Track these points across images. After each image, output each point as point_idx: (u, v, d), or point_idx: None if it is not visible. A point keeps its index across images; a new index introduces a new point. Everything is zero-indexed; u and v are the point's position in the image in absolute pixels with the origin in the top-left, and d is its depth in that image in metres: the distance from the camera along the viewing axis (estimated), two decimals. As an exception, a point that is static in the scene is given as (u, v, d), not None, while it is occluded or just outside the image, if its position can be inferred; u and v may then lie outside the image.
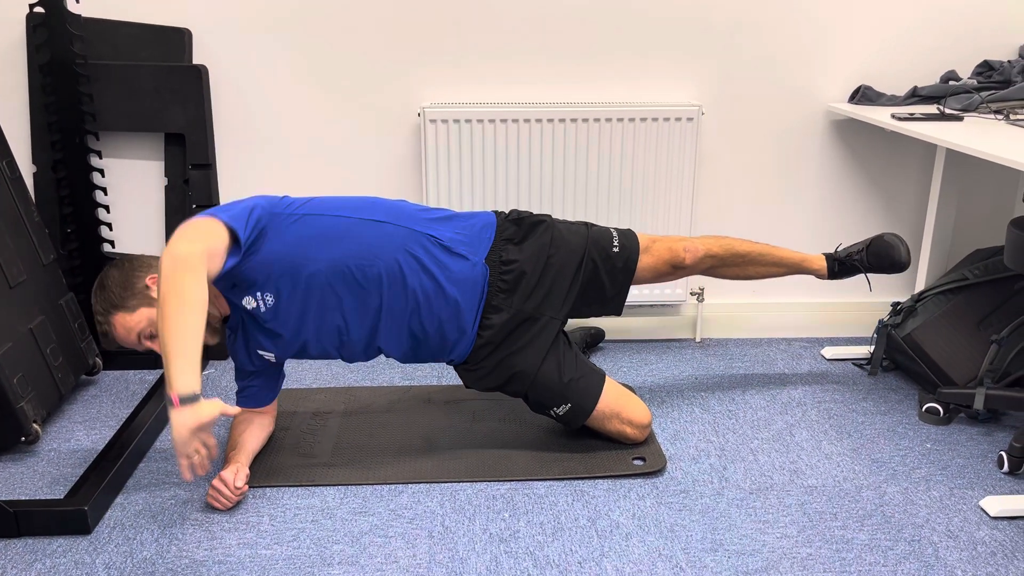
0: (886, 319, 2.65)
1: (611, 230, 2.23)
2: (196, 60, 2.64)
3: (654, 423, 2.36)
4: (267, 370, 2.16)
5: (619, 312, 2.26)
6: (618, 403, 2.18)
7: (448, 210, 2.16)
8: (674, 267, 2.25)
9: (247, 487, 2.00)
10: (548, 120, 2.63)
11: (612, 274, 2.19)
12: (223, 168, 2.74)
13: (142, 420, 2.25)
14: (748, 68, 2.74)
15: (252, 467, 2.10)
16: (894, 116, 2.45)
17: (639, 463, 2.14)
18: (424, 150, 2.64)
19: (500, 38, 2.67)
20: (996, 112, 2.48)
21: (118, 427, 2.29)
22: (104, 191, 2.69)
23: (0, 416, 2.12)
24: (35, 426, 2.20)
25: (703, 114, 2.72)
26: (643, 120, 2.65)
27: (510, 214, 2.19)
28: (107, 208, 2.70)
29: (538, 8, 2.64)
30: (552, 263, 2.12)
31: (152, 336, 2.01)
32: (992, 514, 1.93)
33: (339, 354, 2.10)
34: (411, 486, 2.06)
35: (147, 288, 2.01)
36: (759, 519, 1.93)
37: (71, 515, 1.87)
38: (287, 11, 2.61)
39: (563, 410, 2.15)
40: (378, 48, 2.66)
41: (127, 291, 1.99)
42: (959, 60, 2.75)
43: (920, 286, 2.77)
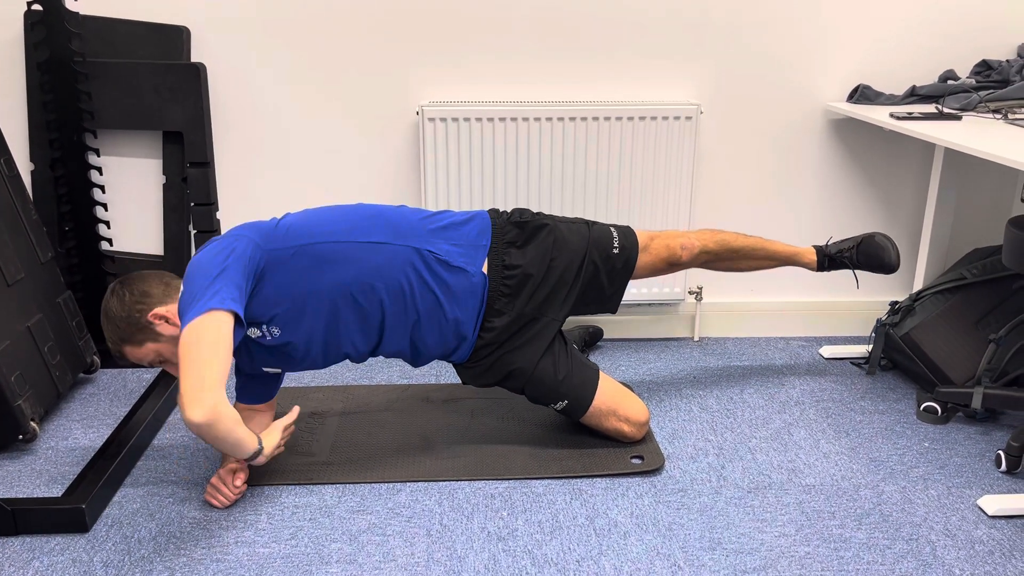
0: (884, 318, 2.65)
1: (611, 230, 2.24)
2: (194, 58, 2.64)
3: (652, 422, 2.36)
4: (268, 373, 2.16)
5: (615, 310, 2.28)
6: (615, 400, 2.19)
7: (444, 214, 2.13)
8: (670, 264, 2.30)
9: (245, 486, 2.00)
10: (547, 119, 2.63)
11: (611, 274, 2.20)
12: (221, 166, 2.74)
13: (140, 418, 2.25)
14: (747, 67, 2.74)
15: (250, 466, 2.10)
16: (892, 115, 2.45)
17: (637, 462, 2.14)
18: (423, 148, 2.64)
19: (499, 37, 2.67)
20: (994, 111, 2.48)
21: (116, 425, 2.28)
22: (102, 189, 2.69)
23: (-2, 414, 2.12)
24: (33, 424, 2.19)
25: (702, 113, 2.72)
26: (642, 119, 2.65)
27: (512, 215, 2.18)
28: (105, 206, 2.70)
29: (537, 7, 2.64)
30: (555, 266, 2.13)
31: (163, 363, 2.00)
32: (990, 513, 1.93)
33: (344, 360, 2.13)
34: (409, 485, 2.06)
35: (151, 324, 1.93)
36: (757, 518, 1.93)
37: (69, 513, 1.87)
38: (286, 9, 2.61)
39: (561, 406, 2.17)
40: (377, 46, 2.66)
41: (131, 327, 1.94)
42: (958, 59, 2.75)
43: (918, 285, 2.77)
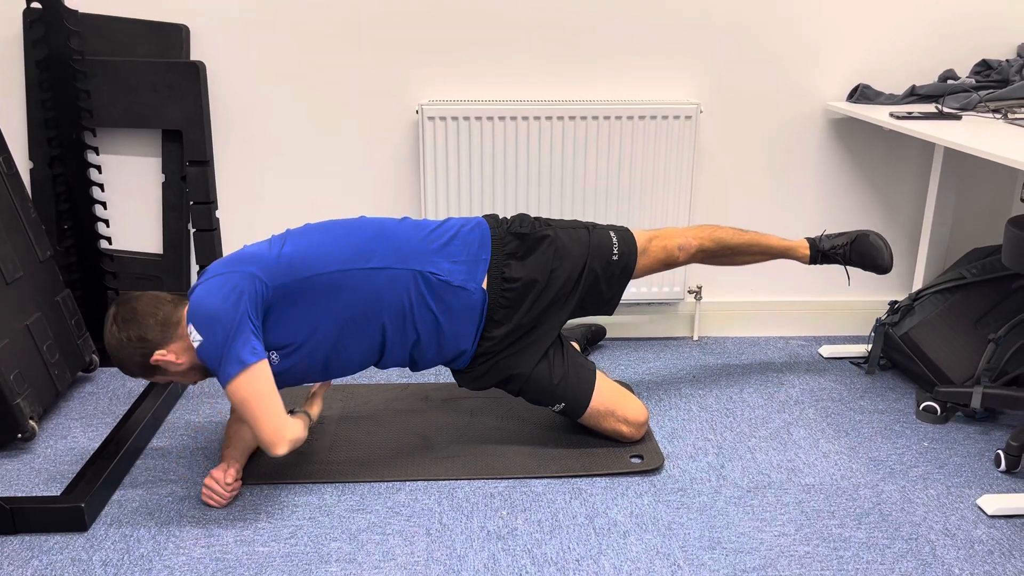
0: (884, 318, 2.65)
1: (611, 235, 2.23)
2: (194, 56, 2.63)
3: (652, 421, 2.36)
4: None
5: (611, 313, 2.30)
6: (613, 401, 2.18)
7: (444, 227, 2.11)
8: (667, 265, 2.31)
9: (239, 483, 2.00)
10: (547, 118, 2.63)
11: (610, 280, 2.21)
12: (221, 165, 2.74)
13: (139, 417, 2.25)
14: (747, 66, 2.74)
15: (250, 465, 2.10)
16: (892, 115, 2.45)
17: (637, 461, 2.14)
18: (422, 147, 2.64)
19: (499, 36, 2.66)
20: (994, 111, 2.48)
21: (115, 424, 2.28)
22: (101, 187, 2.69)
23: (-4, 413, 2.12)
24: (31, 423, 2.19)
25: (701, 112, 2.71)
26: (641, 118, 2.65)
27: (512, 224, 2.16)
28: (104, 204, 2.69)
29: (537, 6, 2.64)
30: (555, 277, 2.13)
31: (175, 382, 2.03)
32: (989, 513, 1.93)
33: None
34: (409, 484, 2.06)
35: (156, 365, 1.92)
36: (757, 517, 1.93)
37: (68, 512, 1.87)
38: (285, 8, 2.61)
39: (558, 408, 2.17)
40: (377, 45, 2.66)
41: (139, 367, 1.93)
42: (957, 59, 2.75)
43: (918, 285, 2.77)
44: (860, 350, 2.79)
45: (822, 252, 2.46)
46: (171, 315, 1.92)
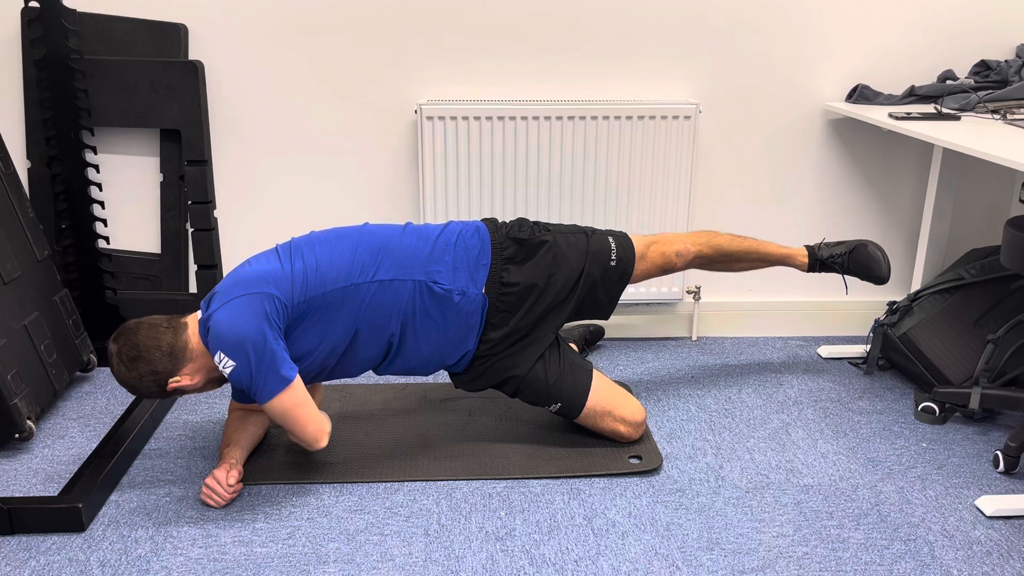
0: (882, 318, 2.65)
1: (609, 240, 2.23)
2: (192, 56, 2.63)
3: (650, 421, 2.36)
4: None
5: (607, 317, 2.30)
6: (610, 401, 2.18)
7: (445, 233, 2.11)
8: (665, 271, 2.33)
9: (240, 485, 2.00)
10: (545, 118, 2.63)
11: (608, 286, 2.22)
12: (219, 164, 2.73)
13: (137, 417, 2.25)
14: (746, 66, 2.74)
15: (247, 465, 2.09)
16: (891, 115, 2.45)
17: (635, 461, 2.14)
18: (421, 147, 2.63)
19: (498, 35, 2.66)
20: (993, 112, 2.48)
21: (113, 424, 2.28)
22: (99, 187, 2.68)
23: (-6, 413, 2.11)
24: (29, 423, 2.19)
25: (700, 112, 2.71)
26: (640, 118, 2.65)
27: (511, 229, 2.16)
28: (102, 204, 2.69)
29: (536, 6, 2.64)
30: (553, 282, 2.13)
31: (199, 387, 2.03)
32: (988, 513, 1.93)
33: None
34: (407, 484, 2.06)
35: (172, 391, 1.96)
36: (755, 518, 1.93)
37: (65, 512, 1.86)
38: (284, 7, 2.60)
39: (556, 407, 2.18)
40: (375, 45, 2.65)
41: (154, 394, 1.97)
42: (956, 59, 2.75)
43: (916, 285, 2.77)
44: (859, 351, 2.79)
45: (820, 260, 2.47)
46: (175, 342, 1.93)
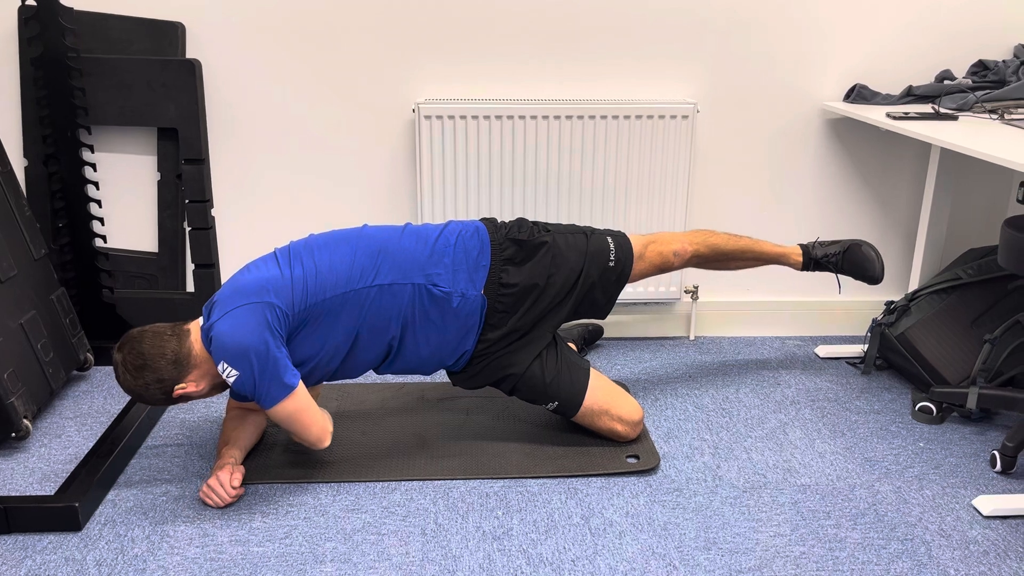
0: (880, 318, 2.65)
1: (608, 241, 2.23)
2: (189, 54, 2.62)
3: (648, 421, 2.36)
4: None
5: (604, 317, 2.31)
6: (607, 400, 2.19)
7: (444, 234, 2.11)
8: (662, 270, 2.34)
9: (243, 489, 2.00)
10: (543, 117, 2.62)
11: (606, 286, 2.23)
12: (216, 163, 2.73)
13: (133, 416, 2.24)
14: (744, 66, 2.73)
15: (244, 464, 2.09)
16: (889, 115, 2.45)
17: (632, 461, 2.14)
18: (419, 146, 2.63)
19: (496, 35, 2.66)
20: (991, 112, 2.48)
21: (109, 423, 2.28)
22: (96, 186, 2.68)
23: (-10, 412, 2.11)
24: (25, 422, 2.18)
25: (699, 112, 2.71)
26: (639, 117, 2.65)
27: (510, 229, 2.16)
28: (99, 203, 2.68)
29: (534, 5, 2.63)
30: (552, 282, 2.14)
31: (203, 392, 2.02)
32: (985, 513, 1.93)
33: None
34: (404, 483, 2.06)
35: (178, 398, 1.96)
36: (752, 517, 1.93)
37: (62, 511, 1.86)
38: (281, 6, 2.60)
39: (553, 406, 2.18)
40: (373, 43, 2.65)
41: (160, 401, 1.97)
42: (954, 59, 2.75)
43: (914, 285, 2.77)
44: (856, 350, 2.79)
45: (814, 260, 2.49)
46: (179, 350, 1.93)
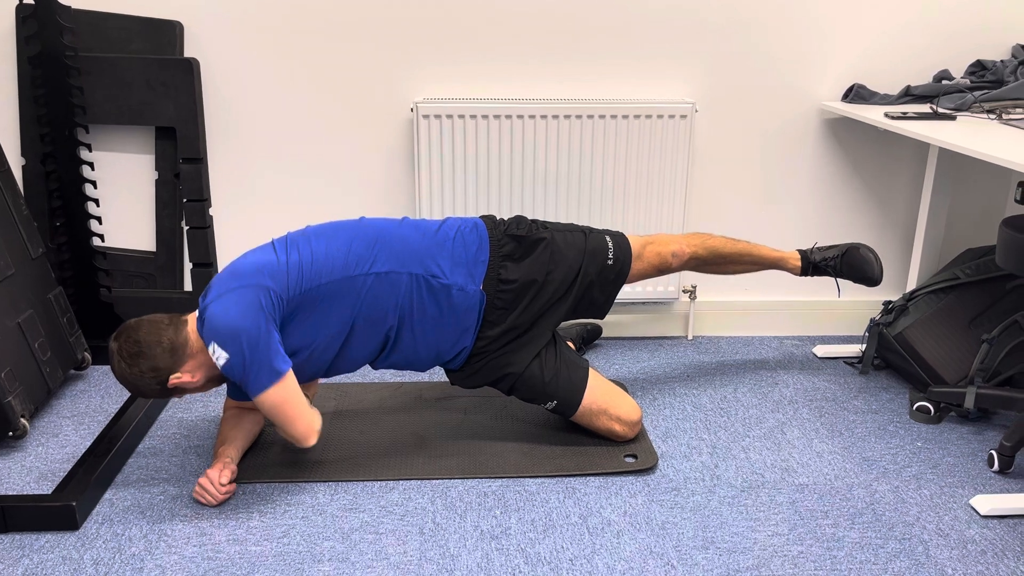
0: (878, 318, 2.65)
1: (606, 239, 2.24)
2: (187, 53, 2.62)
3: (646, 420, 2.36)
4: None
5: (603, 316, 2.31)
6: (606, 399, 2.19)
7: (443, 228, 2.12)
8: (660, 271, 2.34)
9: (234, 485, 1.99)
10: (541, 116, 2.62)
11: (604, 284, 2.23)
12: (214, 162, 2.73)
13: (131, 415, 2.24)
14: (742, 66, 2.74)
15: (242, 463, 2.09)
16: (887, 115, 2.45)
17: (630, 460, 2.14)
18: (417, 145, 2.63)
19: (494, 34, 2.66)
20: (989, 112, 2.48)
21: (107, 422, 2.27)
22: (94, 184, 2.67)
23: (-13, 411, 2.11)
24: (23, 421, 2.18)
25: (697, 111, 2.71)
26: (637, 117, 2.65)
27: (509, 226, 2.17)
28: (97, 202, 2.68)
29: (533, 4, 2.63)
30: (551, 279, 2.14)
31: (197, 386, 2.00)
32: (982, 513, 1.94)
33: None
34: (402, 483, 2.05)
35: (173, 388, 1.95)
36: (750, 517, 1.93)
37: (59, 511, 1.86)
38: (280, 5, 2.60)
39: (551, 405, 2.18)
40: (372, 43, 2.65)
41: (155, 392, 1.95)
42: (952, 59, 2.75)
43: (912, 285, 2.77)
44: (854, 350, 2.79)
45: (813, 264, 2.49)
46: (176, 338, 1.92)
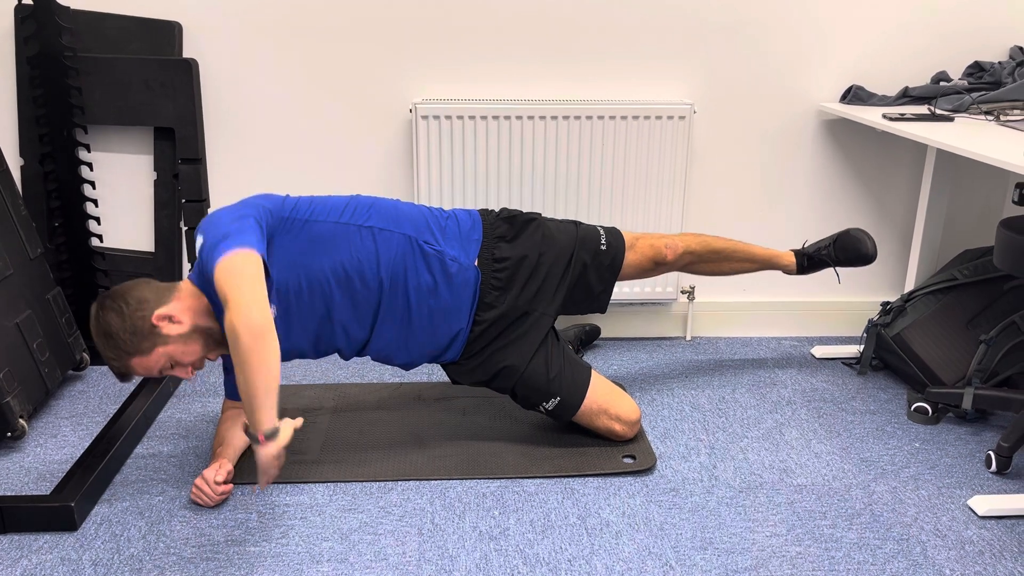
0: (876, 318, 2.66)
1: (598, 228, 2.28)
2: (186, 54, 2.62)
3: (644, 421, 2.36)
4: None
5: (604, 309, 2.31)
6: (606, 399, 2.19)
7: (437, 210, 2.16)
8: (656, 263, 2.33)
9: (231, 486, 1.99)
10: (540, 117, 2.63)
11: (599, 271, 2.23)
12: (213, 163, 2.73)
13: (130, 416, 2.24)
14: (740, 67, 2.74)
15: (240, 463, 2.09)
16: (885, 116, 2.45)
17: (629, 461, 2.14)
18: (416, 146, 2.63)
19: (493, 35, 2.66)
20: (986, 113, 2.49)
21: (105, 423, 2.27)
22: (92, 185, 2.67)
23: (-14, 411, 2.11)
24: (21, 422, 2.18)
25: (695, 112, 2.72)
26: (635, 118, 2.65)
27: (500, 212, 2.21)
28: (95, 202, 2.68)
29: (531, 5, 2.64)
30: (544, 260, 2.15)
31: (174, 366, 1.93)
32: (980, 513, 1.94)
33: (335, 353, 2.14)
34: (401, 483, 2.06)
35: (155, 328, 1.87)
36: (749, 517, 1.93)
37: (58, 511, 1.86)
38: (278, 5, 2.60)
39: (552, 404, 2.16)
40: (370, 43, 2.65)
41: (137, 337, 1.86)
42: (950, 61, 2.75)
43: (910, 286, 2.78)
44: (852, 351, 2.80)
45: (808, 256, 2.51)
46: (162, 284, 1.95)
